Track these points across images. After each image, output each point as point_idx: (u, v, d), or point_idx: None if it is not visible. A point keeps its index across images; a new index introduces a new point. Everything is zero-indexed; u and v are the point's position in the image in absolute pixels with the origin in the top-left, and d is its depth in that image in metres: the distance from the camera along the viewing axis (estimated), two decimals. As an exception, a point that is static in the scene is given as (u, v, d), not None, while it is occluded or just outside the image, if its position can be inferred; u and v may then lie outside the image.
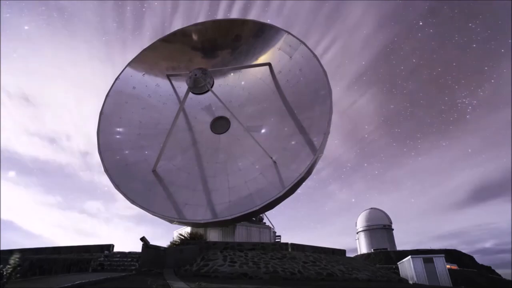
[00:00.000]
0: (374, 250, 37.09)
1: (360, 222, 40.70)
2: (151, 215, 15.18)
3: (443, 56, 72.11)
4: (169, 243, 15.79)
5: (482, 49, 65.68)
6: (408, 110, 76.76)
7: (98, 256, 11.75)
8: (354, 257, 30.33)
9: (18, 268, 6.70)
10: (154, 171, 16.60)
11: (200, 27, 19.57)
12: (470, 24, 66.65)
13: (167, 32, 20.52)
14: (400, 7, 66.37)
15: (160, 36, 19.92)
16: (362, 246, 39.54)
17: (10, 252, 11.03)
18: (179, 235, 16.70)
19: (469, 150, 75.68)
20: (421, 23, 63.41)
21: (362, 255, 35.74)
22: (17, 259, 6.31)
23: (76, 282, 6.31)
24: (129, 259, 11.83)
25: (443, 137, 77.33)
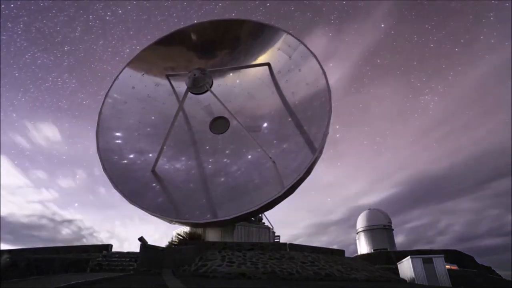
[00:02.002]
0: (374, 250, 37.05)
1: (360, 222, 40.65)
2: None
3: (405, 56, 76.71)
4: (167, 243, 15.80)
5: (438, 49, 71.33)
6: (377, 109, 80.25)
7: (96, 256, 11.75)
8: (354, 257, 30.31)
9: (10, 268, 6.69)
10: (153, 171, 16.60)
11: (199, 27, 19.58)
12: (426, 26, 71.94)
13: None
14: (363, 10, 70.46)
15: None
16: (362, 246, 39.50)
17: (8, 252, 11.04)
18: (177, 235, 16.70)
19: (434, 144, 79.82)
20: (382, 25, 66.79)
21: (362, 255, 35.68)
22: (7, 259, 6.30)
23: (72, 282, 6.31)
24: (128, 259, 11.83)
25: (410, 132, 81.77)
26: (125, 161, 16.93)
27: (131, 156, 17.29)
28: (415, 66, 75.53)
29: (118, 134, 17.78)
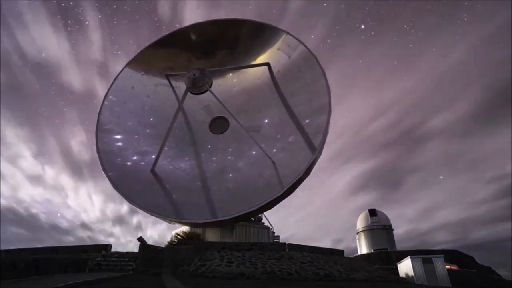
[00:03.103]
0: (374, 250, 37.05)
1: (360, 223, 40.69)
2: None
3: (385, 56, 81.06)
4: (166, 243, 15.80)
5: (417, 49, 74.32)
6: (360, 108, 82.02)
7: (95, 256, 11.75)
8: (354, 257, 30.32)
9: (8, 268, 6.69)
10: (152, 171, 16.57)
11: (199, 27, 19.58)
12: (405, 26, 73.73)
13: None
14: (344, 11, 73.35)
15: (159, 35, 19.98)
16: (362, 247, 39.53)
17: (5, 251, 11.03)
18: (176, 235, 16.70)
19: (416, 141, 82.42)
20: (363, 26, 69.47)
21: (362, 256, 35.67)
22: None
23: (70, 282, 6.30)
24: (127, 259, 11.84)
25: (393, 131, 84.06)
26: (124, 161, 16.92)
27: (130, 156, 17.26)
28: (396, 66, 78.08)
29: (117, 133, 17.76)
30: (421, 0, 66.07)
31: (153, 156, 17.01)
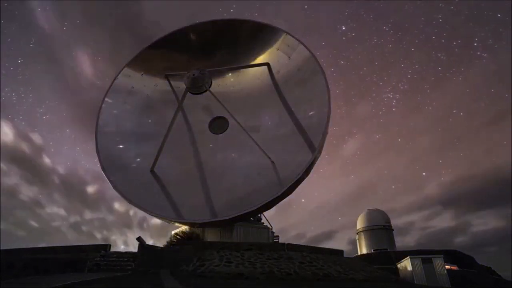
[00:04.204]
0: (374, 250, 37.03)
1: (360, 223, 40.66)
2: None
3: (366, 57, 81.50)
4: (166, 243, 15.80)
5: (396, 49, 75.02)
6: (343, 109, 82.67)
7: (94, 256, 11.75)
8: (354, 257, 30.29)
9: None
10: (152, 171, 16.57)
11: (199, 27, 19.57)
12: (384, 27, 74.92)
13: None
14: (325, 13, 75.47)
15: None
16: (362, 247, 39.51)
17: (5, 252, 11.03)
18: (175, 235, 16.70)
19: (399, 140, 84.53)
20: (344, 28, 71.51)
21: (362, 256, 35.65)
22: None
23: (69, 282, 6.30)
24: (126, 259, 11.84)
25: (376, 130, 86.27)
26: (124, 161, 16.92)
27: (130, 156, 17.27)
28: (376, 66, 78.53)
29: (117, 134, 17.76)
30: None
31: (149, 155, 17.03)
